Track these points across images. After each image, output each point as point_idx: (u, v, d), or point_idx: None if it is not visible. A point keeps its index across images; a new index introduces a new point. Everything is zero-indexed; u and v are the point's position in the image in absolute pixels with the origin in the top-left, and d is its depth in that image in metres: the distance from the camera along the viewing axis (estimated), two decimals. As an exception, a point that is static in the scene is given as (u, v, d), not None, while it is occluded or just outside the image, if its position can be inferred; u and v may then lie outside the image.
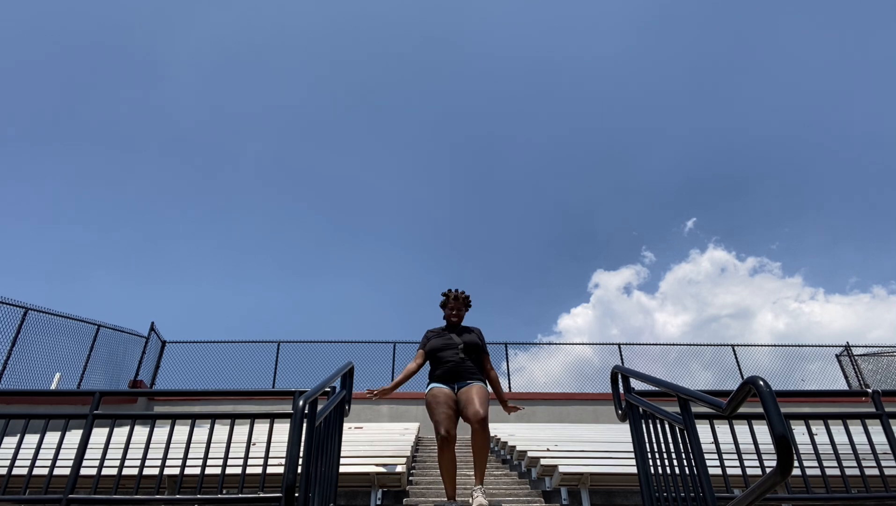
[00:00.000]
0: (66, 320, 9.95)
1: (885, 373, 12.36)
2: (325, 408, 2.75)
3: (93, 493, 2.86)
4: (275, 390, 4.49)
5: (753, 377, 1.58)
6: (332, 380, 3.03)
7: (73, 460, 3.07)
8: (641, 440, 2.74)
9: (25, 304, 9.24)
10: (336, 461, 3.04)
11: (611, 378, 3.22)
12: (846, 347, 12.54)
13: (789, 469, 1.37)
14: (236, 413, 3.19)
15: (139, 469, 2.95)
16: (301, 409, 2.39)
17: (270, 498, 2.72)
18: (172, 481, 4.12)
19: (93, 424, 3.16)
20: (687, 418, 2.28)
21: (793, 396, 6.61)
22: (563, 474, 4.38)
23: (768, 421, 1.43)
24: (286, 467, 2.24)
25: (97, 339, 10.40)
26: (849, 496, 2.79)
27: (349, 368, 3.54)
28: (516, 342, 12.50)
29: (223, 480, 2.90)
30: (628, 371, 2.97)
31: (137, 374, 11.10)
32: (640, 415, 2.80)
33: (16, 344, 8.89)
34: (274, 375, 11.73)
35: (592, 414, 10.97)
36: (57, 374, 9.30)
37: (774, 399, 1.49)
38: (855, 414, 3.15)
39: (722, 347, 12.62)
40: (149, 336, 11.57)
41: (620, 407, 3.09)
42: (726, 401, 1.88)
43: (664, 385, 2.48)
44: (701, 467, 2.14)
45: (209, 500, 2.76)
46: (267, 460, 2.99)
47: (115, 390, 9.49)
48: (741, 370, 12.13)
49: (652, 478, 2.61)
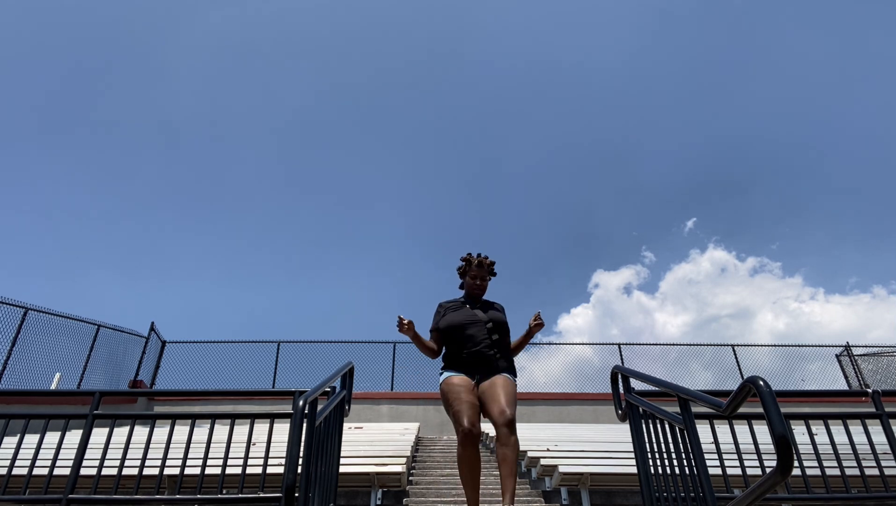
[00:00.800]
0: (66, 320, 9.95)
1: (885, 373, 12.36)
2: (325, 408, 2.75)
3: (93, 493, 2.86)
4: (275, 390, 4.49)
5: (753, 377, 1.58)
6: (332, 380, 3.02)
7: (73, 460, 3.07)
8: (641, 440, 2.74)
9: (25, 304, 9.24)
10: (336, 461, 3.04)
11: (611, 378, 3.21)
12: (846, 348, 12.54)
13: (789, 469, 1.37)
14: (236, 413, 3.20)
15: (139, 469, 2.96)
16: (301, 409, 2.39)
17: (270, 498, 2.72)
18: (172, 481, 4.13)
19: (93, 424, 3.17)
20: (687, 418, 2.28)
21: (793, 396, 6.61)
22: (563, 474, 4.39)
23: (768, 421, 1.43)
24: (286, 467, 2.24)
25: (97, 339, 10.40)
26: (849, 496, 2.79)
27: (349, 368, 3.54)
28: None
29: (223, 480, 2.90)
30: (628, 371, 2.97)
31: (137, 374, 11.10)
32: (640, 415, 2.80)
33: (16, 344, 8.89)
34: (274, 376, 11.73)
35: (592, 414, 10.97)
36: (57, 374, 9.31)
37: (774, 399, 1.49)
38: (855, 414, 3.15)
39: (722, 347, 12.63)
40: (149, 336, 11.57)
41: (620, 407, 3.09)
42: (726, 401, 1.88)
43: (664, 385, 2.48)
44: (701, 467, 2.14)
45: (209, 500, 2.77)
46: (267, 460, 2.99)
47: (115, 390, 9.49)
48: (741, 370, 12.14)
49: (652, 478, 2.61)
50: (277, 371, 11.80)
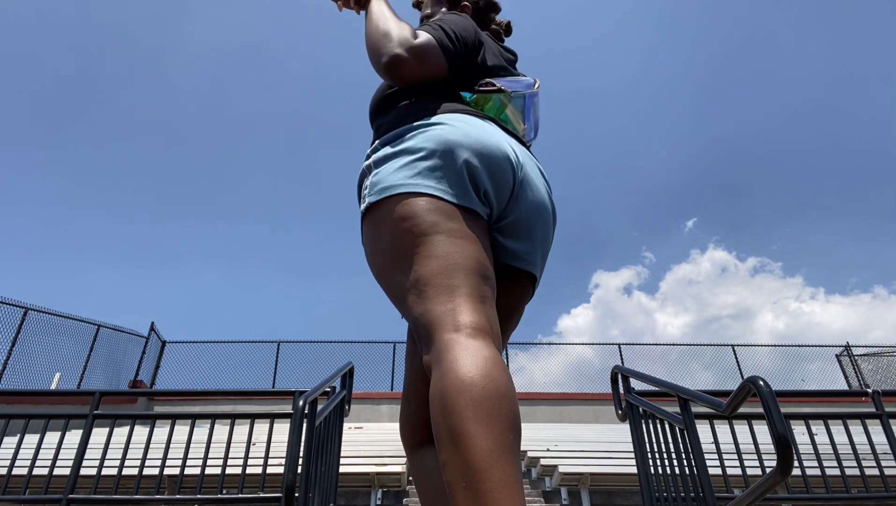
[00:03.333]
0: (66, 320, 9.95)
1: (885, 373, 12.36)
2: (325, 408, 2.75)
3: (93, 493, 2.86)
4: (275, 390, 4.50)
5: (753, 377, 1.57)
6: (332, 380, 3.03)
7: (73, 460, 3.07)
8: (641, 440, 2.74)
9: (25, 304, 9.24)
10: (336, 461, 3.04)
11: (611, 378, 3.21)
12: (846, 348, 12.54)
13: (789, 469, 1.37)
14: (236, 413, 3.20)
15: (139, 469, 2.96)
16: (301, 409, 2.39)
17: (270, 498, 2.73)
18: (172, 481, 4.13)
19: (93, 424, 3.17)
20: (687, 418, 2.28)
21: (793, 396, 6.62)
22: (563, 474, 4.39)
23: (768, 421, 1.43)
24: (286, 467, 2.24)
25: (97, 339, 10.40)
26: (849, 496, 2.79)
27: (349, 368, 3.54)
28: (516, 342, 12.51)
29: (223, 480, 2.90)
30: (628, 371, 2.97)
31: (137, 374, 11.10)
32: (640, 415, 2.80)
33: (16, 344, 8.89)
34: (274, 376, 11.73)
35: (592, 414, 10.97)
36: (57, 374, 9.31)
37: (774, 399, 1.49)
38: (855, 414, 3.15)
39: (722, 347, 12.63)
40: (149, 336, 11.57)
41: (620, 407, 3.09)
42: (726, 401, 1.88)
43: (664, 385, 2.48)
44: (701, 467, 2.15)
45: (209, 500, 2.77)
46: (267, 460, 2.99)
47: (115, 390, 9.48)
48: (741, 370, 12.13)
49: (652, 478, 2.61)
50: (277, 371, 11.80)
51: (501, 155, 1.02)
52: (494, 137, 1.04)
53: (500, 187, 1.02)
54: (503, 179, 1.02)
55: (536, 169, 1.17)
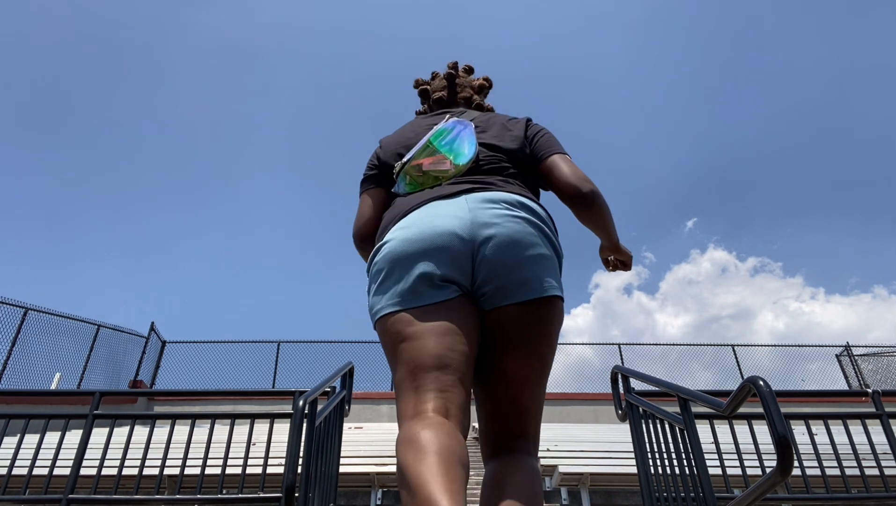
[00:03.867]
0: (66, 320, 9.96)
1: (885, 373, 12.36)
2: (325, 408, 2.75)
3: (93, 493, 2.86)
4: (275, 390, 4.50)
5: (753, 377, 1.57)
6: (332, 380, 3.02)
7: (73, 461, 3.07)
8: (641, 440, 2.74)
9: (25, 304, 9.25)
10: (336, 461, 3.04)
11: (611, 378, 3.21)
12: (846, 348, 12.54)
13: (789, 469, 1.37)
14: (236, 413, 3.20)
15: (139, 469, 2.96)
16: (301, 409, 2.39)
17: (270, 498, 2.73)
18: (172, 482, 4.13)
19: (93, 424, 3.17)
20: (687, 418, 2.28)
21: (793, 396, 6.63)
22: (563, 474, 4.39)
23: (768, 421, 1.43)
24: (286, 467, 2.24)
25: (97, 339, 10.40)
26: (849, 496, 2.79)
27: (349, 368, 3.54)
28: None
29: (223, 480, 2.90)
30: (628, 371, 2.97)
31: (137, 374, 11.10)
32: (640, 415, 2.80)
33: (16, 344, 8.90)
34: (274, 376, 11.73)
35: (592, 414, 10.97)
36: (57, 374, 9.31)
37: (774, 399, 1.49)
38: (855, 414, 3.15)
39: (722, 347, 12.63)
40: (149, 336, 11.57)
41: (620, 407, 3.09)
42: (726, 401, 1.88)
43: (664, 385, 2.48)
44: (701, 467, 2.15)
45: (209, 500, 2.77)
46: (267, 460, 2.99)
47: (115, 390, 9.48)
48: (741, 370, 12.12)
49: (652, 478, 2.61)
50: (277, 371, 11.79)
51: (446, 235, 1.13)
52: (433, 223, 1.15)
53: (459, 263, 1.12)
54: (456, 255, 1.12)
55: (494, 204, 1.18)
